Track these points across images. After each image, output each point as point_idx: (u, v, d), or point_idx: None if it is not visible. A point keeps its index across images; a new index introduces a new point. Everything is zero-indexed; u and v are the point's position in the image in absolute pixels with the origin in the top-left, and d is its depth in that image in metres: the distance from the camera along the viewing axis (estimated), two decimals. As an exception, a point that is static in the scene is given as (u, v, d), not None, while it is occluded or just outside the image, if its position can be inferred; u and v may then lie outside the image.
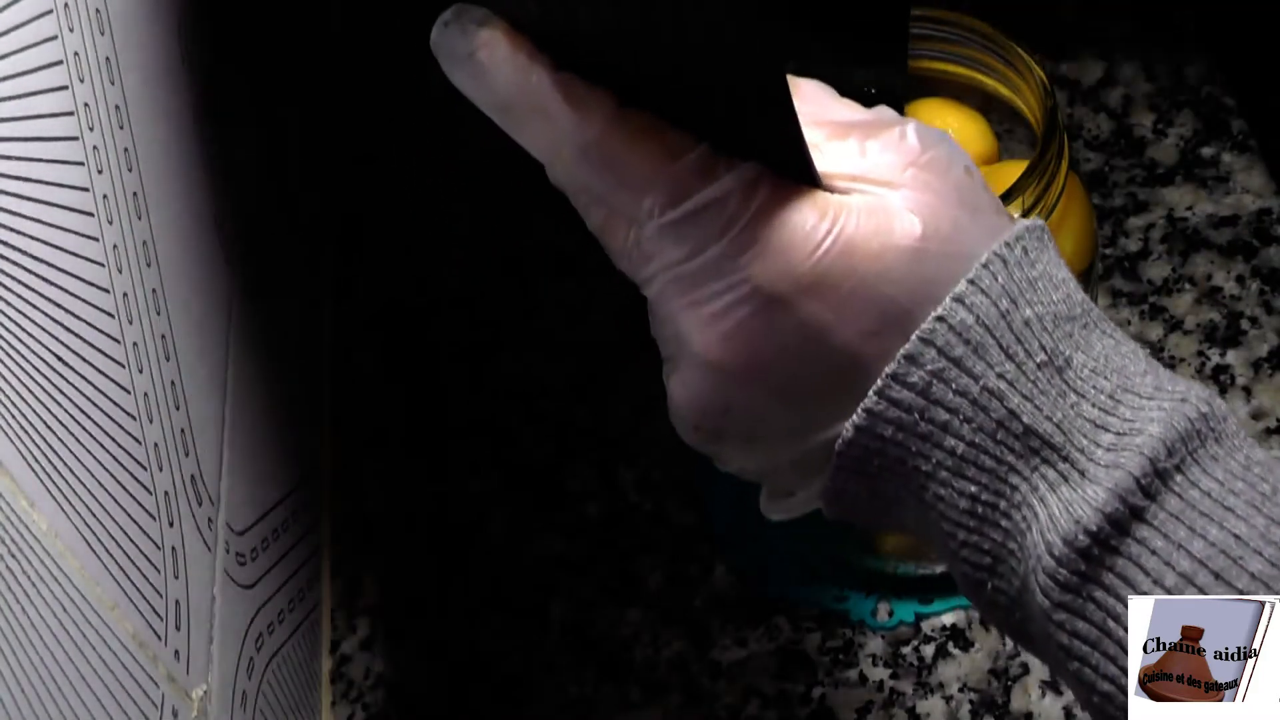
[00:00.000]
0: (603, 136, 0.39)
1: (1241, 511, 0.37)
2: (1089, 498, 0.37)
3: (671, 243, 0.39)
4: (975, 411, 0.38)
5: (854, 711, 0.65)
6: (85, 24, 0.43)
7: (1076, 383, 0.39)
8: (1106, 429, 0.38)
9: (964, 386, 0.38)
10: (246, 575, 0.54)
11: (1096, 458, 0.38)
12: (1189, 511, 0.37)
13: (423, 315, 0.81)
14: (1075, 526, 0.37)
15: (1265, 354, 0.72)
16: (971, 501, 0.39)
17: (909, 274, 0.38)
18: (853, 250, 0.38)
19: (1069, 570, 0.37)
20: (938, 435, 0.39)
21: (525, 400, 0.77)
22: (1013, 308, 0.39)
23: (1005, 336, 0.38)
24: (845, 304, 0.38)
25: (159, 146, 0.49)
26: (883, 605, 0.67)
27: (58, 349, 0.40)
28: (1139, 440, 0.37)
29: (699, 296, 0.39)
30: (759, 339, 0.39)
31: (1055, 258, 0.41)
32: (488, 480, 0.74)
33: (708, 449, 0.42)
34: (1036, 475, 0.38)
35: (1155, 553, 0.37)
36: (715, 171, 0.39)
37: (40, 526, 0.37)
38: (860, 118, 0.41)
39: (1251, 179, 0.78)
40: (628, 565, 0.70)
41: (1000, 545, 0.39)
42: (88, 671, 0.39)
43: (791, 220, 0.38)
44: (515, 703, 0.68)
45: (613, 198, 0.40)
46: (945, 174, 0.40)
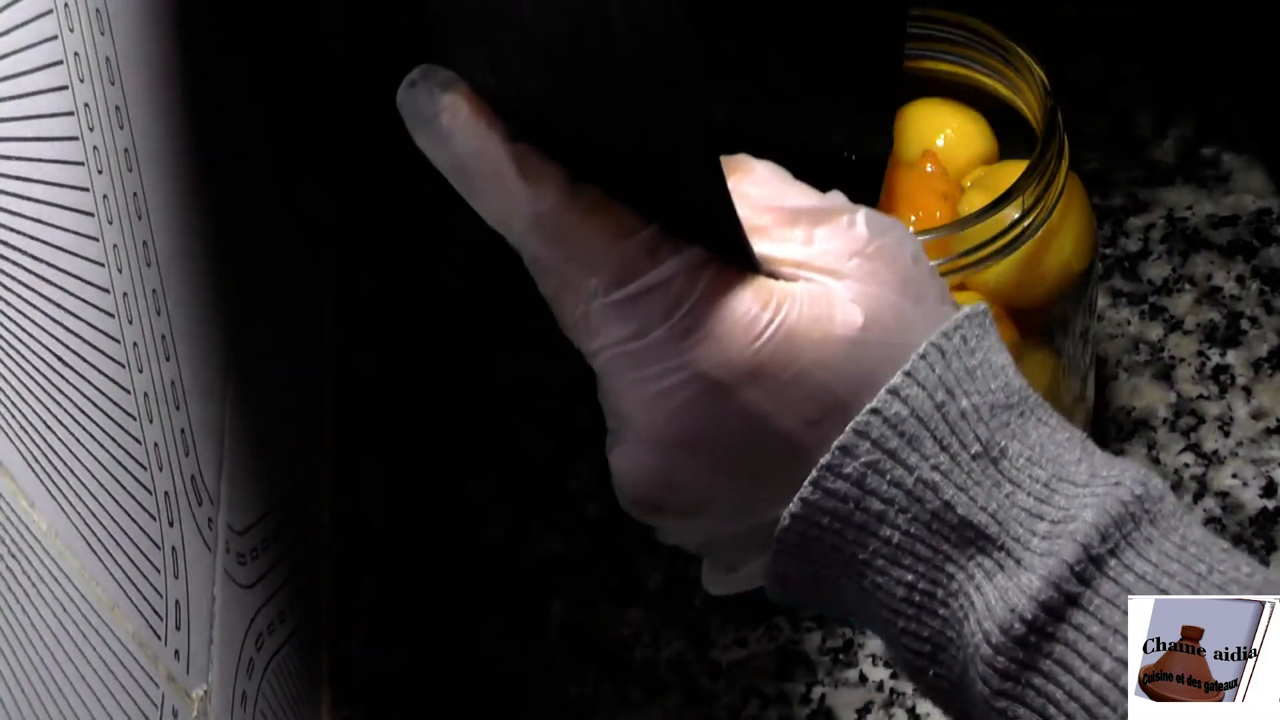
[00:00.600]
0: (553, 210, 0.40)
1: (1176, 592, 0.37)
2: (1024, 586, 0.38)
3: (617, 321, 0.39)
4: (910, 502, 0.39)
5: (854, 711, 0.65)
6: (85, 24, 0.43)
7: (1011, 472, 0.39)
8: (1042, 518, 0.38)
9: (898, 478, 0.39)
10: (246, 575, 0.54)
11: (1032, 546, 0.38)
12: (1124, 595, 0.37)
13: (423, 315, 0.81)
14: (1011, 615, 0.37)
15: (1265, 354, 0.72)
16: (909, 590, 0.39)
17: (848, 364, 0.39)
18: (793, 339, 0.39)
19: (1007, 658, 0.38)
20: (873, 525, 0.39)
21: (525, 400, 0.77)
22: (949, 399, 0.39)
23: (940, 428, 0.39)
24: (785, 392, 0.39)
25: (159, 146, 0.49)
26: (883, 605, 0.67)
27: (58, 349, 0.40)
28: (1073, 527, 0.38)
29: (643, 375, 0.39)
30: (700, 422, 0.39)
31: (996, 343, 0.41)
32: (488, 480, 0.74)
33: (648, 520, 0.43)
34: (973, 564, 0.39)
35: (1091, 638, 0.37)
36: (661, 254, 0.39)
37: (40, 526, 0.37)
38: (810, 204, 0.41)
39: (1251, 179, 0.78)
40: (628, 565, 0.70)
41: (939, 633, 0.40)
42: (88, 671, 0.39)
43: (734, 307, 0.39)
44: (515, 703, 0.68)
45: (562, 271, 0.40)
46: (891, 263, 0.40)
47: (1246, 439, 0.69)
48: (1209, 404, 0.71)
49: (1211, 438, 0.70)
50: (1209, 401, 0.71)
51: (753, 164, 0.42)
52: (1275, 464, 0.69)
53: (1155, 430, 0.70)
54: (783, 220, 0.41)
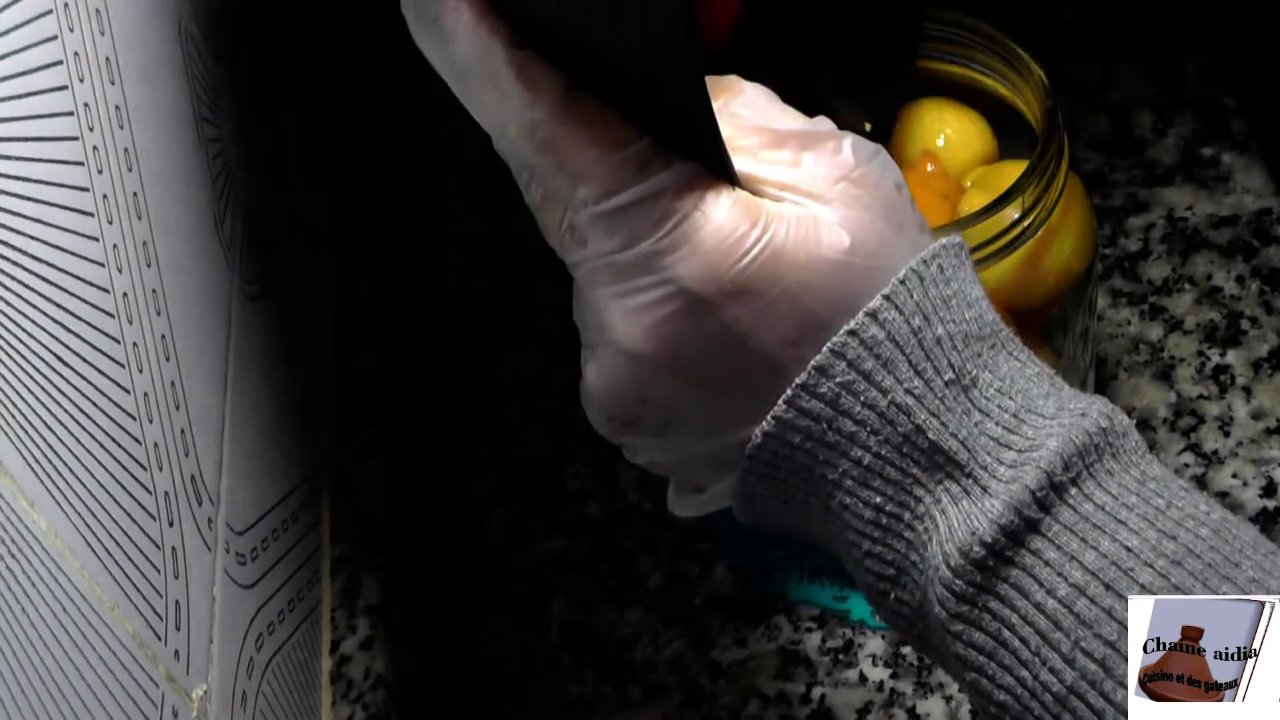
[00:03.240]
0: (549, 117, 0.39)
1: (1134, 525, 0.38)
2: (986, 510, 0.38)
3: (603, 232, 0.39)
4: (882, 425, 0.39)
5: (854, 711, 0.65)
6: (85, 24, 0.43)
7: (981, 401, 0.39)
8: (1009, 447, 0.39)
9: (872, 400, 0.39)
10: (246, 575, 0.54)
11: (998, 474, 0.39)
12: (1082, 524, 0.38)
13: (423, 315, 0.81)
14: (971, 538, 0.38)
15: (1265, 354, 0.72)
16: (876, 512, 0.40)
17: (832, 286, 0.39)
18: (780, 258, 0.39)
19: (965, 581, 0.38)
20: (845, 445, 0.39)
21: (525, 400, 0.77)
22: (925, 325, 0.39)
23: (915, 353, 0.39)
24: (767, 311, 0.39)
25: (159, 146, 0.49)
26: (883, 605, 0.67)
27: (58, 349, 0.40)
28: (1037, 455, 0.38)
29: (626, 288, 0.40)
30: (681, 336, 0.39)
31: (971, 275, 0.41)
32: (488, 480, 0.74)
33: (619, 439, 0.43)
34: (940, 489, 0.39)
35: (1048, 564, 0.37)
36: (653, 167, 0.39)
37: (40, 526, 0.37)
38: (799, 127, 0.42)
39: (1251, 179, 0.78)
40: (628, 565, 0.70)
41: (903, 556, 0.40)
42: (88, 671, 0.39)
43: (723, 224, 0.39)
44: (515, 703, 0.68)
45: (552, 179, 0.40)
46: (875, 189, 0.41)
47: (1246, 439, 0.69)
48: (1209, 404, 0.71)
49: (1211, 438, 0.70)
50: (1209, 401, 0.71)
51: (742, 85, 0.42)
52: (1275, 464, 0.69)
53: (1155, 430, 0.70)
54: (770, 142, 0.41)
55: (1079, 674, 0.37)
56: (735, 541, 0.70)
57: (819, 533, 0.42)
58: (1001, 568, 0.38)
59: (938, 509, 0.39)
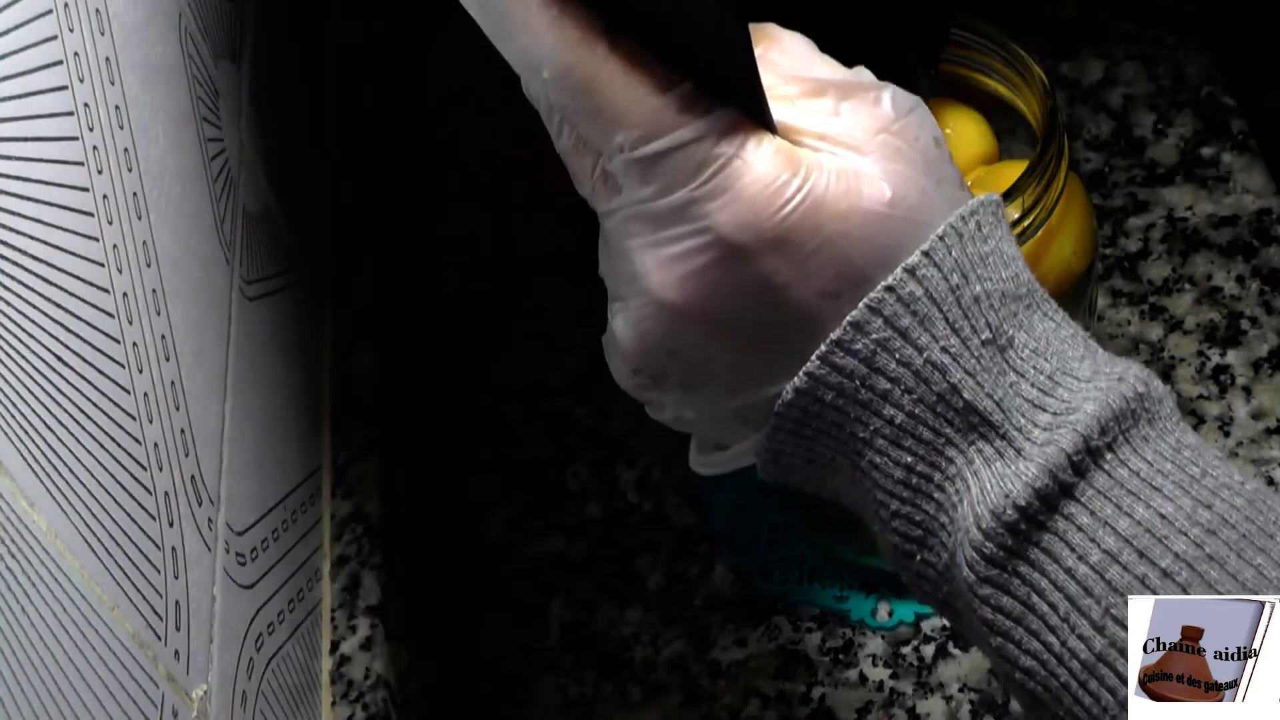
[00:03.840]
0: (586, 59, 0.38)
1: (1169, 492, 0.37)
2: (1021, 473, 0.38)
3: (639, 179, 0.38)
4: (917, 383, 0.38)
5: (854, 711, 0.65)
6: (85, 24, 0.43)
7: (1017, 362, 0.39)
8: (1044, 409, 0.38)
9: (908, 357, 0.38)
10: (246, 575, 0.54)
11: (1033, 436, 0.38)
12: (1117, 490, 0.37)
13: (423, 315, 0.81)
14: (1005, 500, 0.37)
15: (1265, 354, 0.72)
16: (907, 472, 0.39)
17: (872, 239, 0.38)
18: (820, 209, 0.38)
19: (995, 544, 0.38)
20: (877, 404, 0.39)
21: (525, 400, 0.77)
22: (963, 283, 0.39)
23: (953, 311, 0.39)
24: (806, 262, 0.38)
25: (159, 146, 0.49)
26: (883, 605, 0.67)
27: (58, 349, 0.40)
28: (1074, 418, 0.38)
29: (661, 237, 0.39)
30: (716, 286, 0.39)
31: (1008, 234, 0.41)
32: (488, 480, 0.74)
33: (645, 395, 0.42)
34: (973, 450, 0.39)
35: (1081, 529, 0.37)
36: (693, 112, 0.38)
37: (40, 526, 0.37)
38: (838, 77, 0.41)
39: (1251, 179, 0.78)
40: (628, 565, 0.70)
41: (932, 518, 0.39)
42: (88, 671, 0.39)
43: (763, 172, 0.38)
44: (515, 703, 0.68)
45: (587, 124, 0.39)
46: (915, 142, 0.40)
47: (1246, 439, 0.69)
48: (1209, 404, 0.71)
49: (1211, 438, 0.70)
50: (1209, 401, 0.71)
51: (781, 34, 0.42)
52: (1275, 464, 0.68)
53: (1155, 430, 0.70)
54: (810, 91, 0.40)
55: (1109, 641, 0.36)
56: (735, 541, 0.70)
57: (845, 492, 0.42)
58: (1034, 532, 0.37)
59: (970, 470, 0.38)
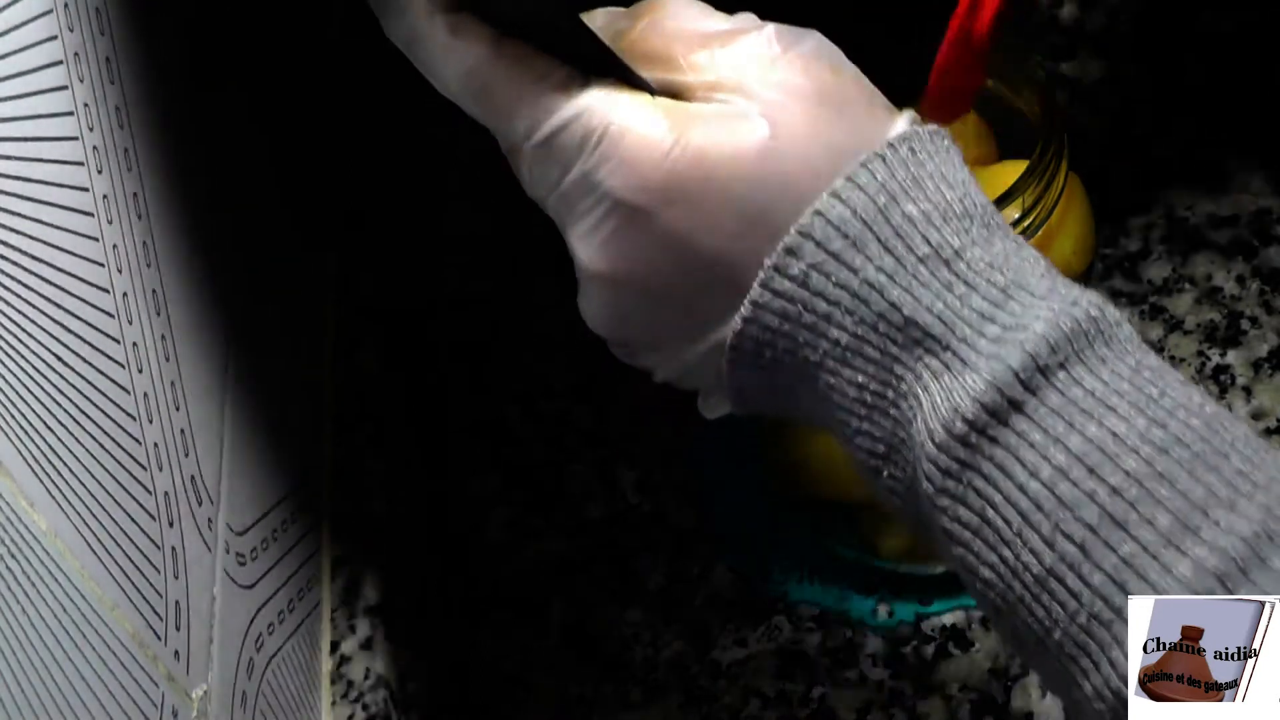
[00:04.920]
0: (478, 64, 0.41)
1: (1123, 411, 0.37)
2: (968, 386, 0.38)
3: (545, 164, 0.41)
4: (856, 304, 0.39)
5: (854, 711, 0.65)
6: (85, 24, 0.43)
7: (967, 274, 0.39)
8: (993, 321, 0.39)
9: (843, 279, 0.39)
10: (246, 575, 0.54)
11: (980, 348, 0.38)
12: (1069, 408, 0.37)
13: (423, 315, 0.81)
14: (954, 414, 0.38)
15: (1265, 354, 0.72)
16: (860, 390, 0.40)
17: (761, 174, 0.40)
18: (704, 156, 0.40)
19: (949, 457, 0.38)
20: (822, 325, 0.40)
21: (525, 400, 0.77)
22: (891, 203, 0.39)
23: (883, 230, 0.39)
24: (701, 210, 0.40)
25: (159, 146, 0.49)
26: (883, 605, 0.67)
27: (58, 349, 0.40)
28: (1022, 336, 0.38)
29: (576, 214, 0.41)
30: (630, 249, 0.40)
31: (952, 160, 0.41)
32: (488, 480, 0.74)
33: (632, 361, 0.44)
34: (920, 365, 0.39)
35: (1033, 445, 0.37)
36: (571, 92, 0.40)
37: (40, 526, 0.37)
38: (721, 27, 0.43)
39: (1251, 179, 0.78)
40: (628, 565, 0.70)
41: (891, 434, 0.40)
42: (88, 671, 0.39)
43: (643, 132, 0.40)
44: (515, 703, 0.68)
45: (494, 124, 0.42)
46: (804, 72, 0.41)
47: (1246, 439, 0.69)
48: (1209, 404, 0.71)
49: (1211, 438, 0.70)
50: (1209, 401, 0.71)
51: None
52: (1275, 464, 0.68)
53: (1155, 430, 0.70)
54: (693, 46, 0.42)
55: (1058, 556, 0.37)
56: (735, 541, 0.70)
57: (811, 416, 0.42)
58: (985, 445, 0.38)
59: (919, 385, 0.39)
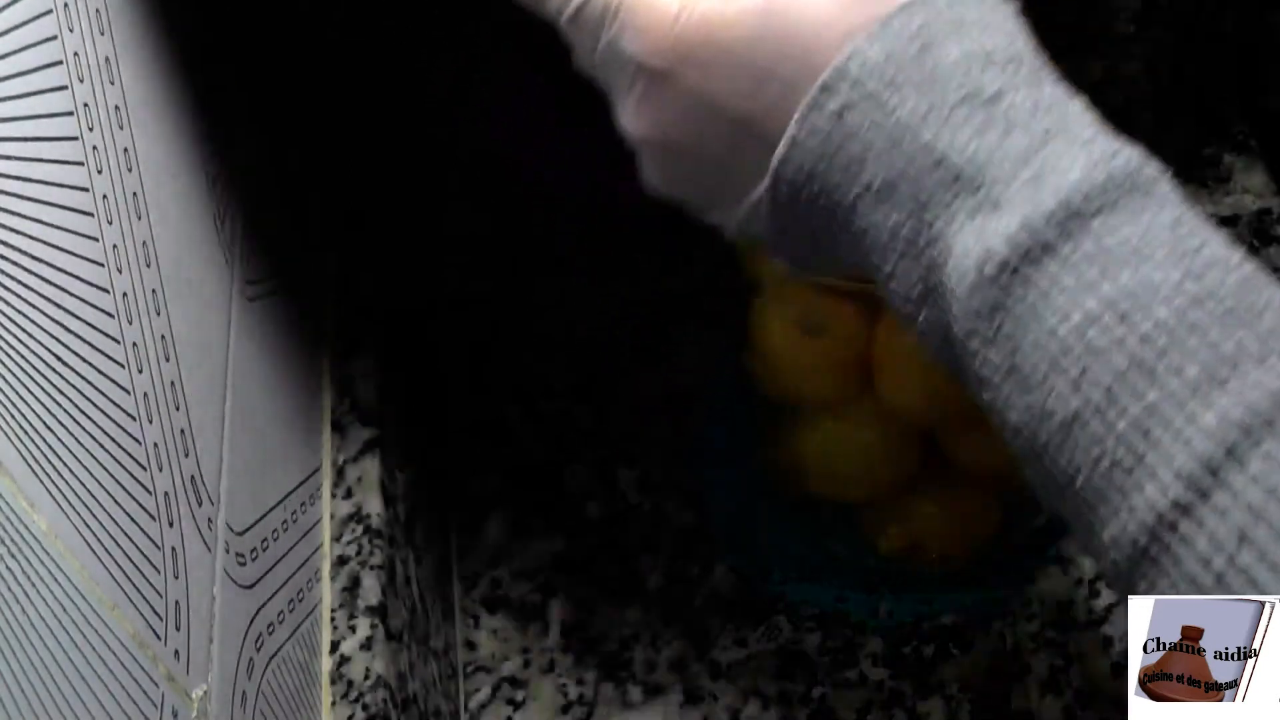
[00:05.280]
0: None
1: (1158, 260, 0.37)
2: (1000, 228, 0.38)
3: (580, 37, 0.44)
4: (889, 145, 0.40)
5: (854, 711, 0.65)
6: (85, 24, 0.43)
7: (1011, 112, 0.39)
8: (1029, 164, 0.38)
9: (878, 119, 0.40)
10: (246, 575, 0.54)
11: (1013, 189, 0.38)
12: (1103, 256, 0.37)
13: (423, 315, 0.81)
14: (985, 255, 0.38)
15: (1265, 354, 0.72)
16: (893, 234, 0.40)
17: (763, 32, 0.41)
18: (708, 20, 0.42)
19: (980, 298, 0.38)
20: (855, 167, 0.40)
21: (525, 400, 0.77)
22: (929, 46, 0.40)
23: (919, 73, 0.40)
24: (713, 69, 0.42)
25: (159, 146, 0.49)
26: (883, 605, 0.67)
27: (58, 349, 0.40)
28: (1058, 180, 0.38)
29: (613, 81, 0.44)
30: (659, 112, 0.43)
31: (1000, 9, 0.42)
32: (488, 480, 0.74)
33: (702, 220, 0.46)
34: (954, 207, 0.39)
35: (1064, 290, 0.37)
36: None
37: (40, 526, 0.37)
38: None
39: (1251, 179, 0.78)
40: (628, 565, 0.70)
41: (925, 276, 0.40)
42: (88, 671, 0.39)
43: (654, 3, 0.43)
44: (515, 703, 0.68)
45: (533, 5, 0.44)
46: None
47: (1246, 439, 0.69)
48: (1209, 404, 0.71)
49: (1211, 438, 0.70)
50: (1209, 401, 0.71)
51: None
52: (1275, 464, 0.68)
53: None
54: None
55: (1084, 401, 0.36)
56: (735, 541, 0.70)
57: (849, 259, 0.43)
58: (1015, 287, 0.37)
59: (953, 227, 0.39)
